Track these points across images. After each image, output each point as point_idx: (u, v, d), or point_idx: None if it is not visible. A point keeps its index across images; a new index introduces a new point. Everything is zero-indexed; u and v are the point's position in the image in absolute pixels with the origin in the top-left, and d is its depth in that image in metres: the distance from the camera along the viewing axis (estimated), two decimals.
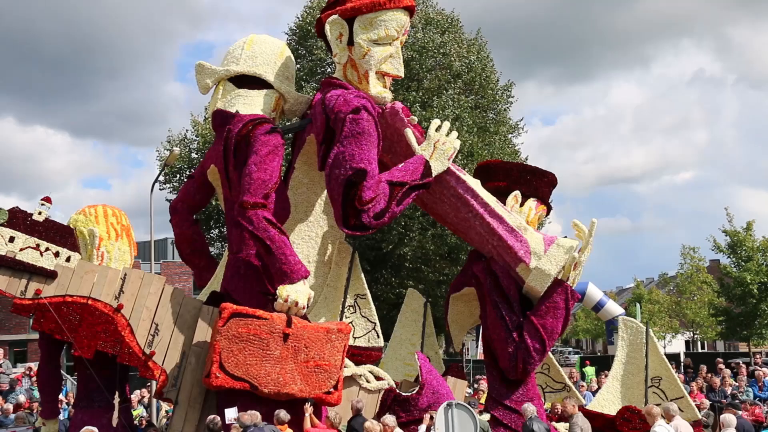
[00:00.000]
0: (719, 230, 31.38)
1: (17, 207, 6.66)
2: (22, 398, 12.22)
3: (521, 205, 8.33)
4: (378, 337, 7.76)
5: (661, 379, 8.71)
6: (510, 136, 23.67)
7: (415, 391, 7.21)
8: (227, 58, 7.81)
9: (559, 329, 7.52)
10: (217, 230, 22.38)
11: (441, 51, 21.80)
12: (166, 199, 24.16)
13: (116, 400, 7.12)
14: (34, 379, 16.41)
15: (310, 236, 7.69)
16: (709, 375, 13.44)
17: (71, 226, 7.12)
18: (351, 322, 7.65)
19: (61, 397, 9.75)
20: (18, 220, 6.52)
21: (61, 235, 6.71)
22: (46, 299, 6.43)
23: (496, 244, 7.57)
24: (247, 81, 7.62)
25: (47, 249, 6.55)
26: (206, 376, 6.36)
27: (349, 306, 7.77)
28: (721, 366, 14.31)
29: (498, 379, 7.64)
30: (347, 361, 7.18)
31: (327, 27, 7.53)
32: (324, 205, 7.60)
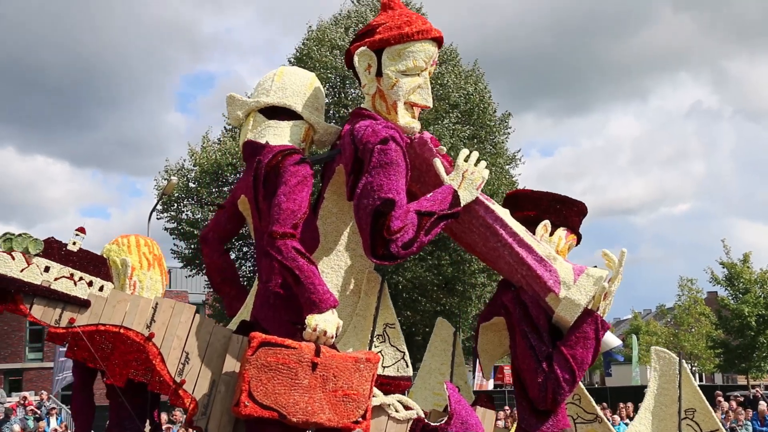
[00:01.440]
0: (716, 262, 31.25)
1: (53, 237, 6.78)
2: (16, 428, 12.33)
3: (551, 234, 8.31)
4: (407, 366, 7.75)
5: (695, 411, 8.58)
6: (507, 167, 23.85)
7: (443, 421, 7.19)
8: (258, 90, 7.93)
9: (589, 360, 7.46)
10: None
11: (438, 82, 22.09)
12: (164, 228, 24.60)
13: (147, 428, 7.18)
14: (30, 408, 16.62)
15: (339, 265, 7.73)
16: None
17: (104, 255, 7.24)
18: (380, 352, 7.67)
19: (56, 425, 9.86)
20: (53, 250, 6.63)
21: (95, 264, 6.81)
22: (80, 328, 6.52)
23: (525, 274, 7.55)
24: (277, 112, 7.70)
25: (81, 278, 6.64)
26: (235, 405, 6.40)
27: (378, 335, 7.78)
28: (720, 399, 14.15)
29: (528, 410, 7.58)
30: (376, 390, 7.19)
31: (356, 58, 7.63)
32: (353, 235, 7.62)
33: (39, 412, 16.75)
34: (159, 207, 25.20)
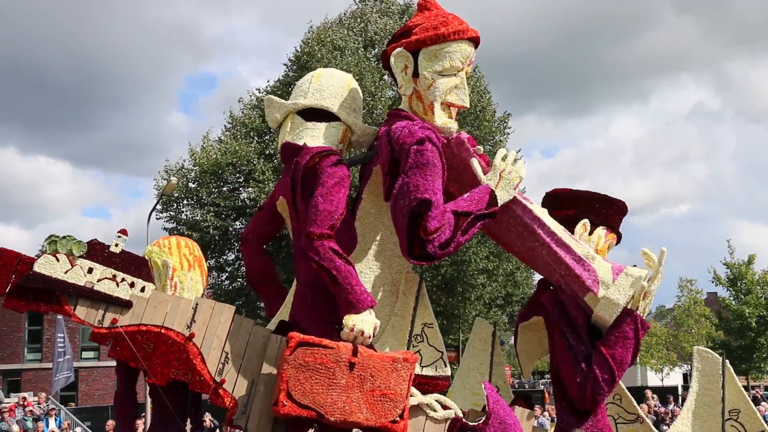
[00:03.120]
0: (720, 263, 30.90)
1: (96, 239, 6.93)
2: (15, 428, 12.53)
3: (590, 233, 8.25)
4: (445, 366, 7.76)
5: (739, 411, 8.44)
6: None
7: (481, 421, 7.19)
8: (296, 92, 7.99)
9: (628, 359, 7.40)
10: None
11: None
12: (164, 228, 24.77)
13: (188, 427, 7.29)
14: (28, 409, 16.87)
15: (377, 266, 7.76)
16: None
17: (146, 257, 7.37)
18: (418, 351, 7.69)
19: (54, 427, 10.01)
20: (96, 251, 6.77)
21: (137, 266, 6.93)
22: (122, 328, 6.66)
23: (563, 273, 7.51)
24: (315, 114, 7.76)
25: (123, 280, 6.78)
26: (274, 404, 6.48)
27: (416, 335, 7.80)
28: None
29: (567, 410, 7.55)
30: (414, 390, 7.21)
31: (392, 59, 7.66)
32: (391, 235, 7.63)
33: (36, 413, 16.93)
34: (158, 207, 25.41)
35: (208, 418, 17.27)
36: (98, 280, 6.68)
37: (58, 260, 6.57)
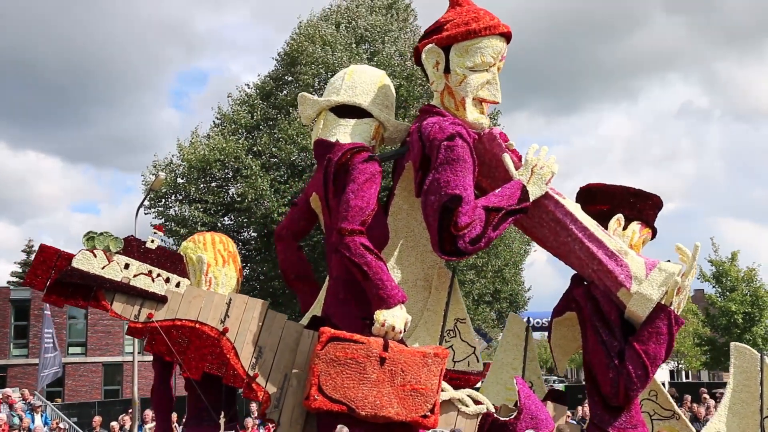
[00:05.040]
0: (705, 260, 30.52)
1: (132, 235, 7.06)
2: (2, 415, 12.69)
3: (624, 228, 8.17)
4: (477, 361, 7.78)
5: None
6: None
7: (513, 416, 7.19)
8: (328, 89, 8.06)
9: (662, 355, 7.34)
10: None
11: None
12: (151, 224, 24.79)
13: (222, 420, 7.40)
14: (16, 405, 17.12)
15: (410, 261, 7.80)
16: (694, 405, 13.31)
17: (181, 253, 7.49)
18: (451, 347, 7.72)
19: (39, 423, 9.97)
20: (132, 247, 6.90)
21: (172, 261, 7.04)
22: (158, 323, 6.78)
23: (596, 269, 7.47)
24: (347, 111, 7.80)
25: (158, 275, 6.90)
26: (305, 399, 6.57)
27: (449, 330, 7.82)
28: (705, 395, 14.17)
29: (600, 406, 7.50)
30: (446, 385, 7.24)
31: (423, 55, 7.68)
32: (423, 231, 7.65)
33: (20, 412, 16.96)
34: (146, 203, 25.46)
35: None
36: (134, 276, 6.80)
37: (95, 256, 6.70)
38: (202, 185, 26.16)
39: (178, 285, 6.96)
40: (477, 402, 7.46)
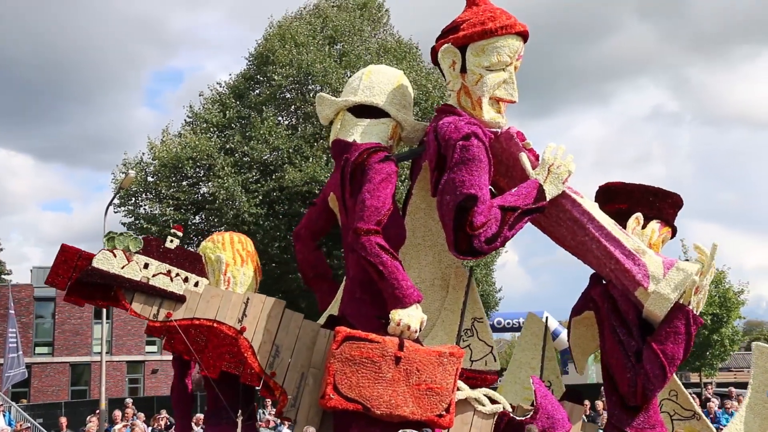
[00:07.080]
0: None
1: (151, 236, 7.15)
2: None
3: (643, 227, 8.13)
4: (495, 360, 7.78)
5: None
6: None
7: (529, 416, 7.19)
8: (346, 90, 8.09)
9: (680, 355, 7.29)
10: None
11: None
12: (121, 222, 24.67)
13: (239, 418, 7.46)
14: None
15: (427, 261, 7.82)
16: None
17: (200, 252, 7.56)
18: (468, 346, 7.73)
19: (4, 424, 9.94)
20: (152, 247, 6.98)
21: (191, 261, 7.12)
22: (176, 322, 6.86)
23: (613, 268, 7.44)
24: (365, 111, 7.83)
25: (177, 275, 6.98)
26: (321, 397, 6.61)
27: (467, 329, 7.83)
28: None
29: (618, 405, 7.48)
30: (462, 384, 7.25)
31: (440, 55, 7.69)
32: (440, 230, 7.66)
33: None
34: (116, 201, 25.30)
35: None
36: (153, 275, 6.88)
37: (115, 256, 6.80)
38: (173, 183, 26.05)
39: (196, 284, 7.04)
40: (493, 401, 7.46)
